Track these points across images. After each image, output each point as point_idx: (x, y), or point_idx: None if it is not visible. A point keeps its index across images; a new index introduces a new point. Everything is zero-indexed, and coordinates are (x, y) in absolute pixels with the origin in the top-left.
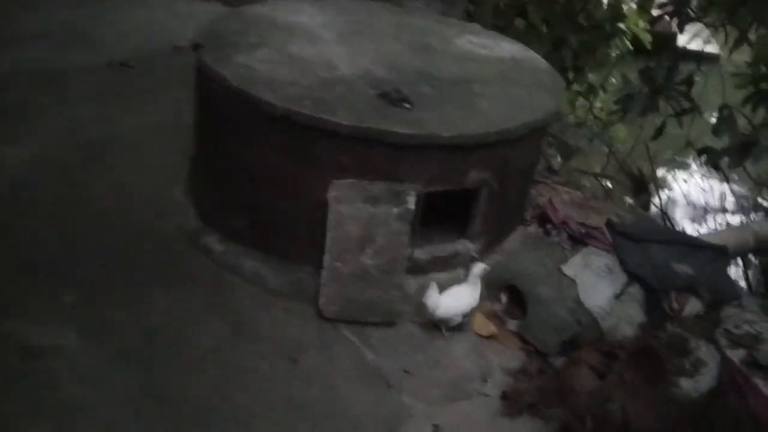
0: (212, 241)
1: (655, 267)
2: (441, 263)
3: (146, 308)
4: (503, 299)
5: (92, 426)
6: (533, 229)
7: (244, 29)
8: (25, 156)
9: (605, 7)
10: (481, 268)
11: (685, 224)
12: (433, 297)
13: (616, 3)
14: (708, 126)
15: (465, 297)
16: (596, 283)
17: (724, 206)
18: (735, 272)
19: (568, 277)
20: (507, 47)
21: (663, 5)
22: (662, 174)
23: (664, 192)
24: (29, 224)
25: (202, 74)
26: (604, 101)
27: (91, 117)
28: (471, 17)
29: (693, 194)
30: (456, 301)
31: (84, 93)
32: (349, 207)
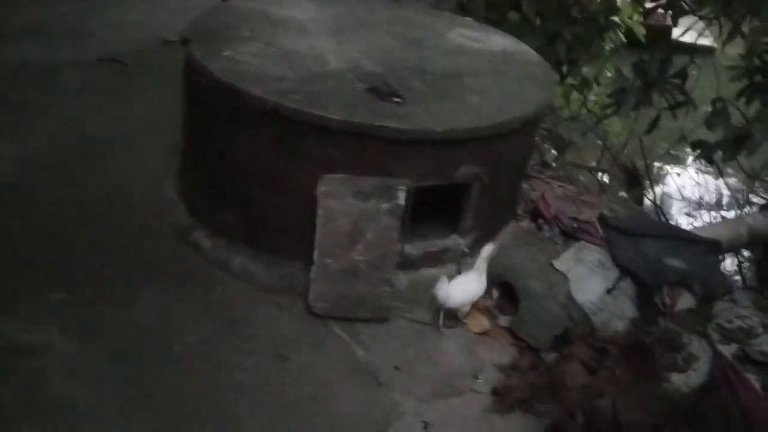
0: (202, 237)
1: (648, 261)
2: (432, 258)
3: (136, 306)
4: (495, 294)
5: (81, 424)
6: (525, 224)
7: (235, 23)
8: (15, 152)
9: (599, 0)
10: (489, 250)
11: (679, 218)
12: (444, 288)
13: None
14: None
15: (473, 284)
16: (588, 278)
17: (719, 200)
18: (730, 265)
19: (560, 272)
20: (499, 40)
21: None
22: (656, 168)
23: (658, 186)
24: (18, 221)
25: (191, 69)
26: (598, 94)
27: (82, 113)
28: (464, 10)
29: (687, 188)
30: (465, 290)
31: (75, 89)
32: (339, 202)
